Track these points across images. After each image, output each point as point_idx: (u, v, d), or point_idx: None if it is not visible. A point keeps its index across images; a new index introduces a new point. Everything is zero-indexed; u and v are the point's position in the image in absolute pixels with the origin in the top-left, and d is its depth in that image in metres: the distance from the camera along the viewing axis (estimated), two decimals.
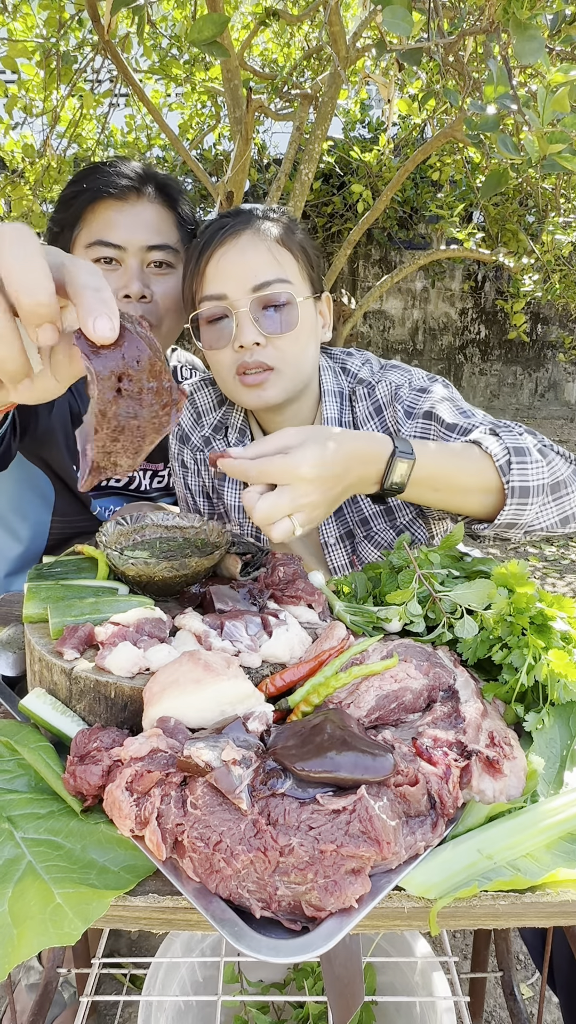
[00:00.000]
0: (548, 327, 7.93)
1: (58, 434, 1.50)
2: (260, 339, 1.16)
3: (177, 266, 1.44)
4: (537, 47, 1.12)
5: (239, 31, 3.55)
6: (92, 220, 1.37)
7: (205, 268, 1.20)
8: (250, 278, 1.16)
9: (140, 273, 1.36)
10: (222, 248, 1.18)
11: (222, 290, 1.17)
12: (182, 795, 0.63)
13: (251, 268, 1.16)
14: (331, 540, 1.35)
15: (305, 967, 1.38)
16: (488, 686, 0.83)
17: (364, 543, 1.35)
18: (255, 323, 1.16)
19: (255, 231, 1.19)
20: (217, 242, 1.19)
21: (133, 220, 1.37)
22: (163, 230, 1.41)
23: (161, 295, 1.41)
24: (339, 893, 0.57)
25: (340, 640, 0.85)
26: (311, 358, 1.26)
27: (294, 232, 1.25)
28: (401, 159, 4.57)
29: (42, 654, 0.80)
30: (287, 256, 1.21)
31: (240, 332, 1.16)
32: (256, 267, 1.17)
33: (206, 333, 1.22)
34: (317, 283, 1.28)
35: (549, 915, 0.62)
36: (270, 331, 1.17)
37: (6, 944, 0.56)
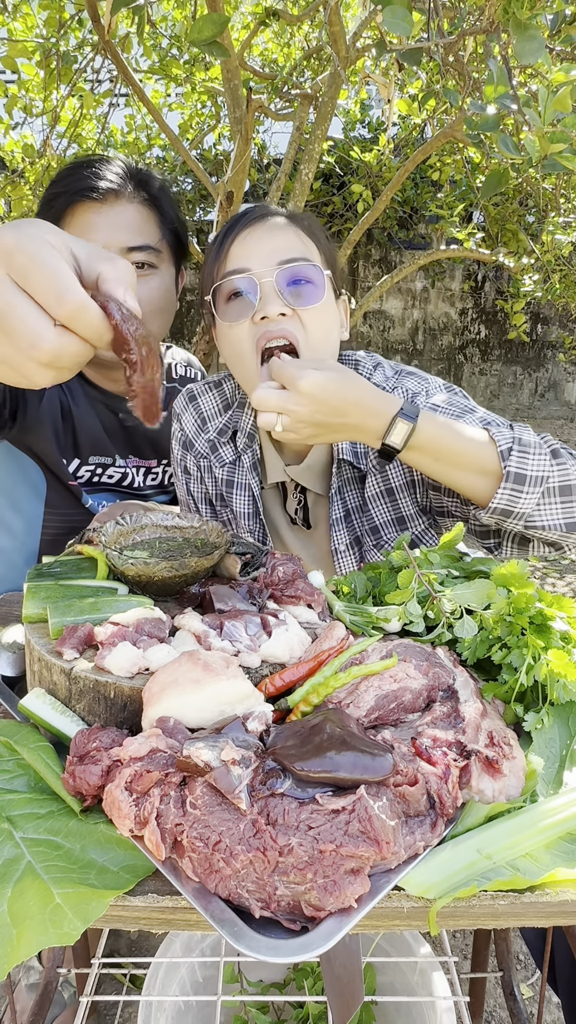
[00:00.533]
0: (548, 327, 7.93)
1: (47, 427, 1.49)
2: (286, 310, 1.12)
3: (160, 266, 1.42)
4: (537, 47, 1.12)
5: (239, 31, 3.55)
6: (72, 222, 1.35)
7: (229, 248, 1.19)
8: (276, 254, 1.15)
9: None
10: (248, 228, 1.18)
11: (246, 264, 1.15)
12: (181, 795, 0.63)
13: (278, 245, 1.16)
14: (341, 547, 1.33)
15: (305, 967, 1.38)
16: (487, 686, 0.83)
17: (373, 551, 1.33)
18: (280, 295, 1.13)
19: (283, 217, 1.21)
20: (243, 224, 1.19)
21: (113, 222, 1.35)
22: (144, 230, 1.39)
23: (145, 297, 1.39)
24: (338, 893, 0.57)
25: (339, 640, 0.85)
26: (332, 347, 1.22)
27: (318, 232, 1.26)
28: (401, 159, 4.57)
29: (41, 654, 0.80)
30: (312, 245, 1.21)
31: (264, 303, 1.13)
32: (282, 245, 1.16)
33: (226, 309, 1.18)
34: (337, 284, 1.28)
35: (548, 915, 0.62)
36: (296, 303, 1.13)
37: (5, 944, 0.56)
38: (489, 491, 1.06)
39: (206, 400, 1.43)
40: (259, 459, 1.37)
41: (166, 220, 1.44)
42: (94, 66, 3.13)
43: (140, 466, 1.66)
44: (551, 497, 1.05)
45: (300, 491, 1.36)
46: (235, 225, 1.21)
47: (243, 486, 1.38)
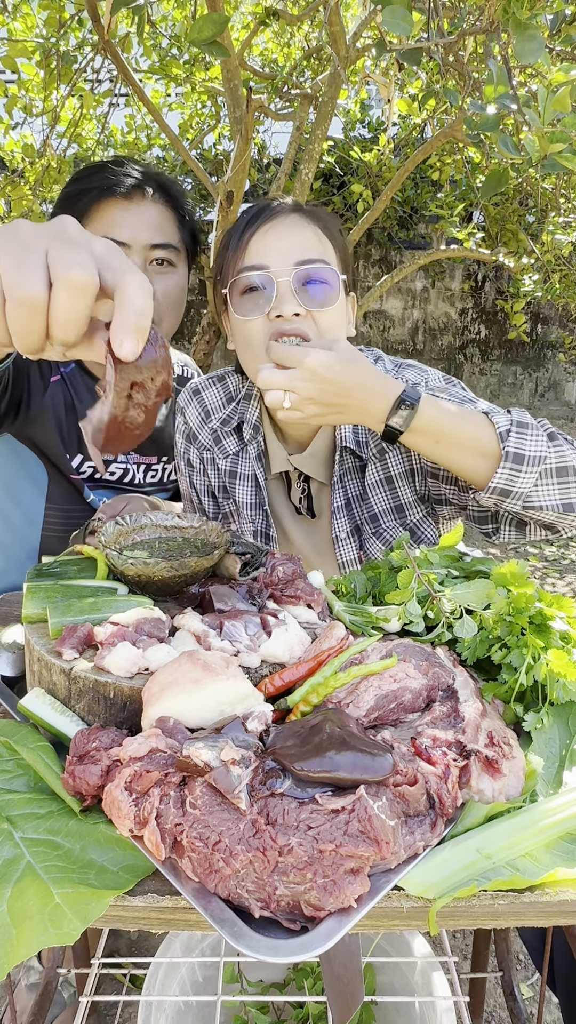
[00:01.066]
0: (548, 327, 7.93)
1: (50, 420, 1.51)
2: (300, 310, 1.17)
3: (178, 265, 1.47)
4: (537, 47, 1.12)
5: (239, 31, 3.54)
6: (97, 218, 1.39)
7: (249, 240, 1.21)
8: (295, 253, 1.18)
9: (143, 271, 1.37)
10: (269, 223, 1.21)
11: (264, 261, 1.18)
12: (181, 795, 0.63)
13: (297, 244, 1.19)
14: (342, 535, 1.36)
15: (305, 967, 1.38)
16: (487, 686, 0.83)
17: (372, 539, 1.36)
18: (295, 295, 1.17)
19: (302, 215, 1.23)
20: (264, 218, 1.21)
21: (138, 219, 1.40)
22: (166, 229, 1.44)
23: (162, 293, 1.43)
24: (338, 893, 0.57)
25: (339, 640, 0.85)
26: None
27: (334, 230, 1.28)
28: (401, 159, 4.57)
29: (41, 654, 0.80)
30: (329, 245, 1.24)
31: (280, 302, 1.17)
32: (302, 244, 1.19)
33: (241, 302, 1.21)
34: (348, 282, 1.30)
35: (548, 915, 0.62)
36: (310, 304, 1.18)
37: (5, 944, 0.56)
38: (488, 472, 1.09)
39: (210, 393, 1.45)
40: (263, 450, 1.40)
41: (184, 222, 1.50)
42: (94, 66, 3.13)
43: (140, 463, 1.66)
44: (548, 478, 1.08)
45: (304, 480, 1.39)
46: (257, 217, 1.22)
47: (247, 476, 1.40)
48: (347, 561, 1.38)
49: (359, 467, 1.35)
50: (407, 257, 7.24)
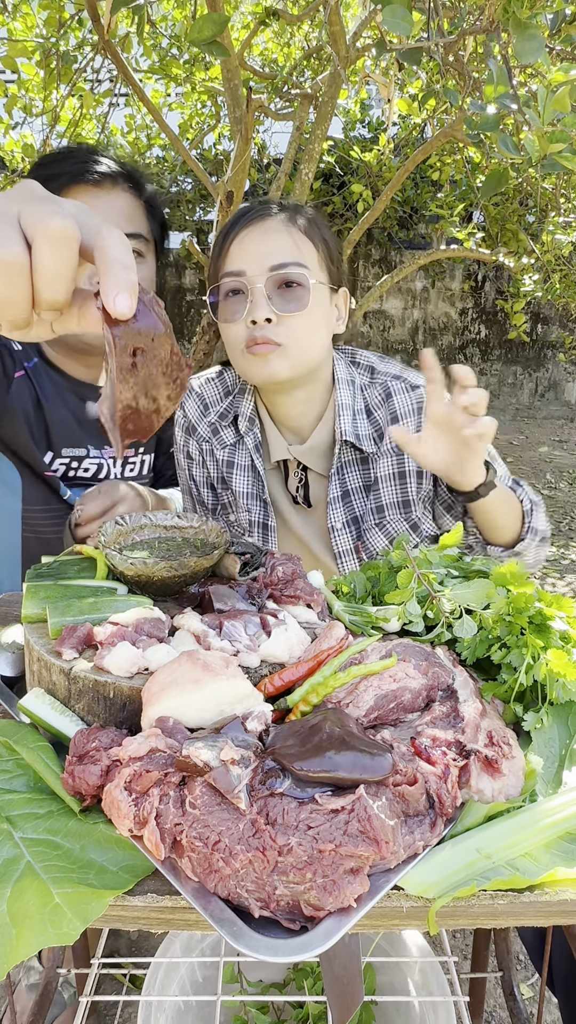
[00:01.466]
0: (548, 327, 7.93)
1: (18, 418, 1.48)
2: (271, 315, 1.21)
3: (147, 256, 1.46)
4: (537, 47, 1.12)
5: (239, 31, 3.54)
6: None
7: (229, 247, 1.27)
8: (268, 258, 1.22)
9: None
10: (247, 229, 1.26)
11: (241, 267, 1.24)
12: (181, 795, 0.63)
13: (271, 249, 1.23)
14: (338, 525, 1.39)
15: (305, 967, 1.38)
16: (487, 685, 0.83)
17: (375, 530, 1.39)
18: (268, 300, 1.22)
19: (281, 218, 1.26)
20: (243, 224, 1.26)
21: (108, 208, 1.38)
22: (136, 219, 1.42)
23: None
24: (338, 892, 0.57)
25: (339, 640, 0.85)
26: (321, 343, 1.30)
27: (319, 226, 1.31)
28: (401, 159, 4.57)
29: (41, 654, 0.80)
30: (308, 245, 1.27)
31: (253, 307, 1.22)
32: (276, 249, 1.23)
33: (223, 307, 1.28)
34: (336, 277, 1.33)
35: (548, 914, 0.62)
36: (282, 309, 1.22)
37: (5, 944, 0.56)
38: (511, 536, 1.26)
39: (208, 388, 1.47)
40: (260, 441, 1.43)
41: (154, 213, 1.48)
42: (94, 66, 3.14)
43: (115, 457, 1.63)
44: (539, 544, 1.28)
45: (302, 469, 1.42)
46: (236, 223, 1.27)
47: (244, 467, 1.43)
48: (343, 551, 1.41)
49: (359, 460, 1.39)
50: (407, 257, 7.24)
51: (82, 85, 3.16)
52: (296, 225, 1.26)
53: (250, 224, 1.26)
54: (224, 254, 1.28)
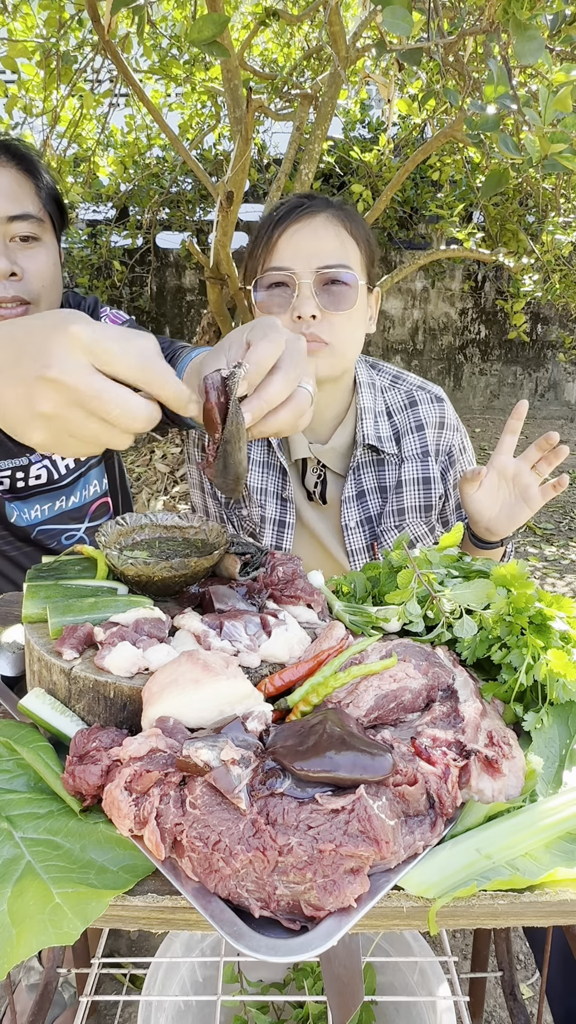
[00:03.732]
0: (548, 327, 7.92)
1: None
2: (317, 312, 1.25)
3: (43, 237, 1.33)
4: (537, 47, 1.12)
5: (239, 31, 3.55)
6: None
7: (278, 240, 1.29)
8: (317, 258, 1.25)
9: (4, 248, 1.26)
10: (297, 224, 1.27)
11: (291, 264, 1.26)
12: (181, 795, 0.63)
13: (320, 249, 1.26)
14: (351, 524, 1.42)
15: (305, 967, 1.38)
16: (487, 686, 0.83)
17: (393, 531, 1.42)
18: (315, 297, 1.25)
19: (329, 216, 1.28)
20: (293, 218, 1.28)
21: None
22: (23, 199, 1.29)
23: (34, 272, 1.30)
24: (338, 892, 0.57)
25: (339, 640, 0.85)
26: (358, 342, 1.34)
27: (362, 227, 1.33)
28: (401, 159, 4.57)
29: (41, 654, 0.80)
30: (353, 246, 1.30)
31: (300, 302, 1.25)
32: (324, 249, 1.26)
33: (267, 299, 1.30)
34: (372, 277, 1.36)
35: (548, 914, 0.62)
36: (328, 307, 1.25)
37: (5, 944, 0.56)
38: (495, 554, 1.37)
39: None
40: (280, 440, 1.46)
41: (44, 187, 1.35)
42: (94, 66, 3.14)
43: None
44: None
45: (321, 467, 1.45)
46: (286, 217, 1.29)
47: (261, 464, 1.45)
48: (356, 549, 1.43)
49: (375, 461, 1.43)
50: (407, 257, 7.23)
51: (82, 85, 3.17)
52: (344, 225, 1.29)
53: (300, 220, 1.27)
54: (271, 247, 1.29)
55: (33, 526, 1.51)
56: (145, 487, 4.45)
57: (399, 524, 1.41)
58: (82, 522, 1.58)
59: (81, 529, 1.57)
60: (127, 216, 5.70)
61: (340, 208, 1.32)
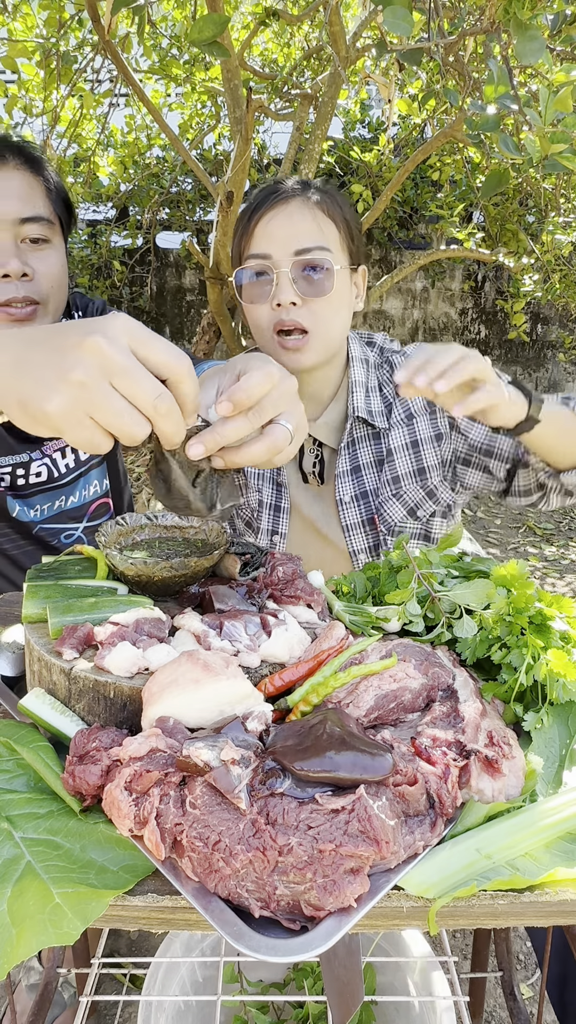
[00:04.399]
0: (548, 327, 7.92)
1: None
2: (296, 299, 1.24)
3: (53, 239, 1.35)
4: (538, 47, 1.12)
5: (239, 31, 3.55)
6: None
7: (254, 228, 1.29)
8: (293, 242, 1.25)
9: (16, 249, 1.28)
10: (272, 211, 1.28)
11: (267, 250, 1.26)
12: (181, 795, 0.63)
13: (296, 233, 1.25)
14: (346, 498, 1.42)
15: (305, 967, 1.38)
16: (487, 686, 0.83)
17: (392, 501, 1.41)
18: (293, 284, 1.25)
19: (304, 199, 1.28)
20: (268, 205, 1.28)
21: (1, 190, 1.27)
22: (35, 201, 1.31)
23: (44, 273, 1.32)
24: (338, 892, 0.57)
25: (339, 640, 0.85)
26: (342, 324, 1.33)
27: (340, 205, 1.32)
28: (401, 159, 4.57)
29: (41, 654, 0.80)
30: (330, 226, 1.29)
31: (279, 291, 1.25)
32: (300, 233, 1.25)
33: (248, 289, 1.31)
34: (356, 255, 1.35)
35: (548, 914, 0.62)
36: (307, 293, 1.25)
37: (5, 944, 0.56)
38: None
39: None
40: None
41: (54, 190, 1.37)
42: (94, 66, 3.14)
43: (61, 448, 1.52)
44: None
45: (317, 446, 1.45)
46: (262, 204, 1.29)
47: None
48: (351, 524, 1.43)
49: (372, 435, 1.42)
50: (407, 257, 7.23)
51: (82, 85, 3.17)
52: (319, 206, 1.28)
53: (275, 206, 1.27)
54: (249, 235, 1.29)
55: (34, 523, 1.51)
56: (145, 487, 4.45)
57: (396, 493, 1.41)
58: (81, 521, 1.58)
59: (79, 528, 1.57)
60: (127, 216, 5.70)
61: (317, 189, 1.31)
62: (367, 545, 1.43)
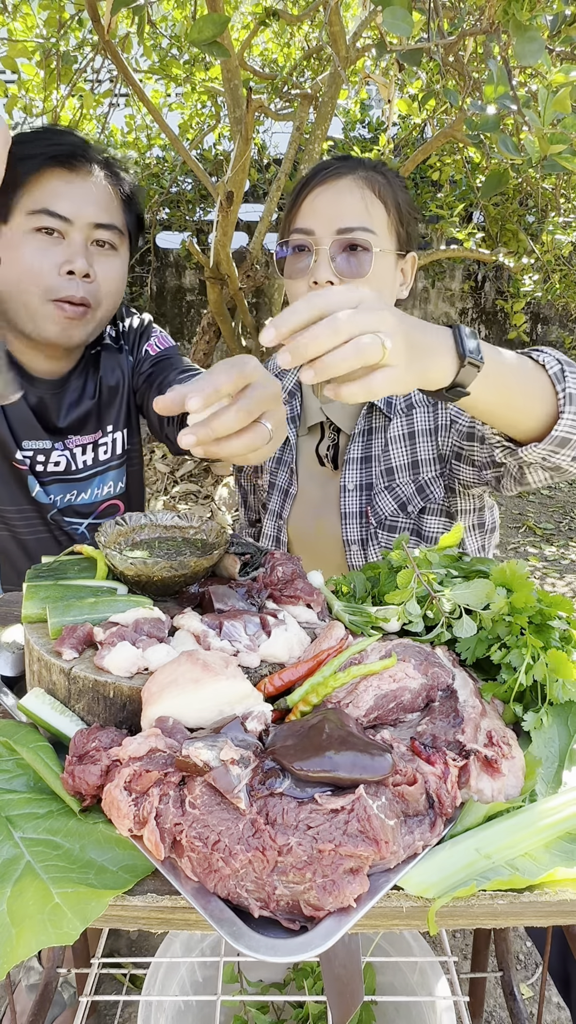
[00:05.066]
0: (548, 327, 7.92)
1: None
2: (333, 279, 1.22)
3: (120, 248, 1.40)
4: (537, 48, 1.12)
5: (239, 31, 3.55)
6: (36, 186, 1.29)
7: (301, 203, 1.28)
8: (337, 220, 1.22)
9: (84, 249, 1.32)
10: (321, 187, 1.26)
11: (310, 225, 1.25)
12: (180, 795, 0.63)
13: (341, 211, 1.23)
14: (349, 486, 1.40)
15: (305, 967, 1.38)
16: (487, 685, 0.83)
17: (384, 494, 1.39)
18: (331, 263, 1.22)
19: (355, 178, 1.25)
20: (318, 180, 1.26)
21: (82, 193, 1.32)
22: (111, 209, 1.36)
23: (103, 276, 1.37)
24: (337, 892, 0.57)
25: (339, 640, 0.85)
26: None
27: (394, 188, 1.29)
28: (401, 159, 4.57)
29: (41, 654, 0.80)
30: (379, 208, 1.26)
31: (316, 268, 1.23)
32: (346, 211, 1.23)
33: (288, 263, 1.29)
34: (405, 241, 1.32)
35: (547, 914, 0.62)
36: (344, 273, 1.22)
37: (5, 944, 0.56)
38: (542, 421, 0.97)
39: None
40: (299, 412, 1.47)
41: (130, 206, 1.41)
42: (94, 66, 3.14)
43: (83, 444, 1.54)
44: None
45: (334, 431, 1.44)
46: (312, 179, 1.27)
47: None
48: (350, 513, 1.41)
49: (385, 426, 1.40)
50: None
51: (82, 85, 3.17)
52: (371, 187, 1.25)
53: (325, 182, 1.25)
54: (296, 209, 1.28)
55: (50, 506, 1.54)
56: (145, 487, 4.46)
57: (388, 486, 1.38)
58: (86, 518, 1.60)
59: (83, 525, 1.59)
60: None
61: (372, 168, 1.28)
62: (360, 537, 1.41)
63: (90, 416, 1.54)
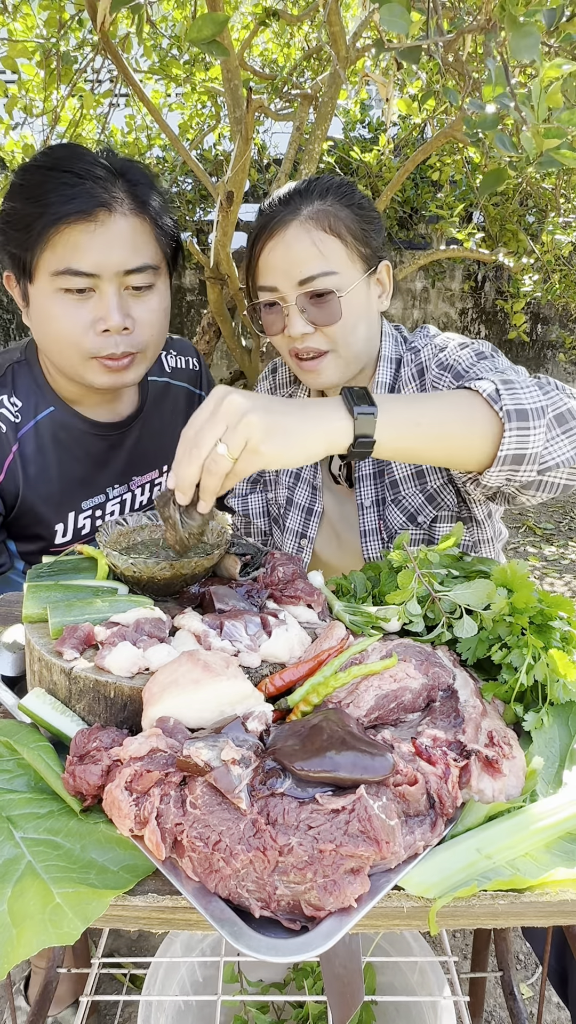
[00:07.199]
0: (548, 327, 7.92)
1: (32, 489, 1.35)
2: (308, 329, 1.24)
3: (159, 283, 1.28)
4: (532, 43, 1.11)
5: (239, 31, 3.54)
6: (57, 243, 1.16)
7: (257, 261, 1.28)
8: (296, 272, 1.22)
9: (118, 301, 1.20)
10: (271, 241, 1.25)
11: (273, 282, 1.25)
12: (181, 795, 0.63)
13: (296, 262, 1.22)
14: (367, 503, 1.40)
15: (305, 967, 1.38)
16: (487, 686, 0.83)
17: (392, 507, 1.38)
18: (302, 314, 1.23)
19: (301, 222, 1.22)
20: (266, 235, 1.25)
21: (105, 242, 1.17)
22: (140, 247, 1.22)
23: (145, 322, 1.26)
24: (338, 892, 0.57)
25: (339, 640, 0.85)
26: (363, 338, 1.30)
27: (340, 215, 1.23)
28: (401, 159, 4.57)
29: (42, 654, 0.80)
30: (333, 244, 1.22)
31: (290, 323, 1.24)
32: (301, 261, 1.22)
33: (265, 322, 1.30)
34: (371, 257, 1.28)
35: (548, 914, 0.62)
36: (317, 321, 1.23)
37: (5, 944, 0.56)
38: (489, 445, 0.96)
39: (282, 371, 1.54)
40: None
41: (162, 229, 1.27)
42: (94, 66, 3.13)
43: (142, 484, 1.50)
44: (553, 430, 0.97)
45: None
46: (259, 236, 1.26)
47: None
48: (369, 530, 1.40)
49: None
50: (407, 257, 7.23)
51: (82, 85, 3.16)
52: (319, 225, 1.21)
53: (273, 235, 1.23)
54: (255, 267, 1.29)
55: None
56: None
57: (395, 498, 1.36)
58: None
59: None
60: None
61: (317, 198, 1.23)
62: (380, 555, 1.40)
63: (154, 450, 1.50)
